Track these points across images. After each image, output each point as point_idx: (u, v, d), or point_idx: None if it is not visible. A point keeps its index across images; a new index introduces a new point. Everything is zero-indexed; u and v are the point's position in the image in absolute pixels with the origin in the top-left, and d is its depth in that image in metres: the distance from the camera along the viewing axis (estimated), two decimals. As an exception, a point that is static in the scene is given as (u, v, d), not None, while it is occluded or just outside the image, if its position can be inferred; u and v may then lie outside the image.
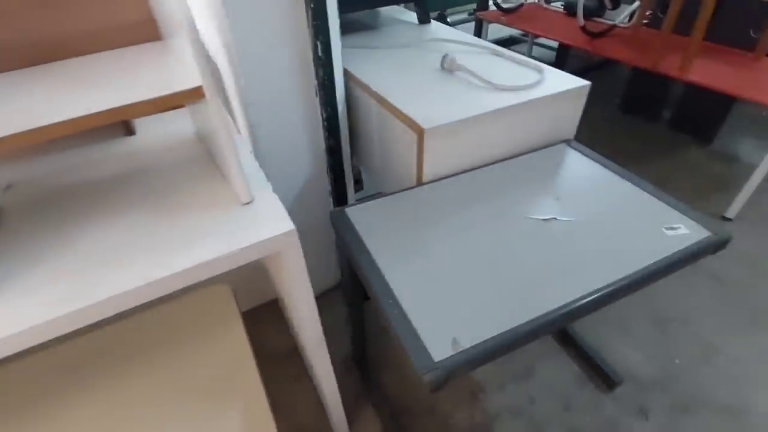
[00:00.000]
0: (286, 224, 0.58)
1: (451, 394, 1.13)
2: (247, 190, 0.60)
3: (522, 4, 2.43)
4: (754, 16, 1.74)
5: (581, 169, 0.92)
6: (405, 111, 0.88)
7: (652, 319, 1.30)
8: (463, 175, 0.92)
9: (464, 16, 3.80)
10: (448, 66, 1.05)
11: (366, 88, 1.03)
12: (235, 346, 0.82)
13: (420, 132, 0.83)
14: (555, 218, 0.79)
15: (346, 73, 1.08)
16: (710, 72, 1.61)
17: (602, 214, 0.80)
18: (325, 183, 1.15)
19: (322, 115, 0.99)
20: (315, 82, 0.96)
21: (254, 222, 0.59)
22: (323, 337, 0.79)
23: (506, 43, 3.26)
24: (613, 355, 1.21)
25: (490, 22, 2.36)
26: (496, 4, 2.38)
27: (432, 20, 1.46)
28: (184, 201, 0.64)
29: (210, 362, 0.81)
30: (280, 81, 0.92)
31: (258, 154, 1.01)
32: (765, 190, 1.77)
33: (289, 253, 0.59)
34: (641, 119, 2.31)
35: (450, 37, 1.30)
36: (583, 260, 0.71)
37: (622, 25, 2.07)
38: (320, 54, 0.89)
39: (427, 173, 0.90)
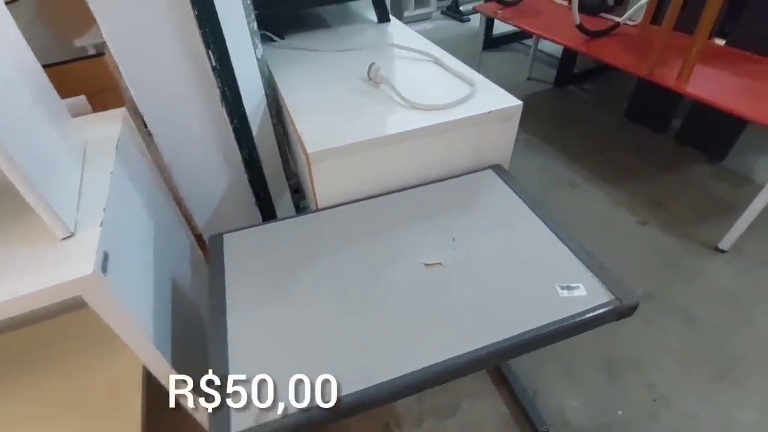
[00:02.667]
0: (88, 267, 0.53)
1: (365, 424, 1.07)
2: (59, 224, 0.55)
3: (525, -2, 2.24)
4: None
5: (497, 202, 0.82)
6: (300, 130, 0.81)
7: (604, 361, 1.18)
8: (363, 202, 0.84)
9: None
10: (373, 77, 0.96)
11: (282, 100, 0.96)
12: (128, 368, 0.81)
13: (307, 155, 0.76)
14: (440, 263, 0.70)
15: (274, 80, 1.02)
16: (716, 83, 1.42)
17: (497, 261, 0.70)
18: (250, 195, 1.09)
19: (230, 126, 0.93)
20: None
21: (61, 261, 0.54)
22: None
23: (516, 36, 3.05)
24: (550, 399, 1.11)
25: (487, 16, 2.20)
26: (495, -2, 2.21)
27: (392, 19, 1.35)
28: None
29: (99, 380, 0.81)
30: (174, 89, 0.86)
31: (168, 166, 0.97)
32: (771, 220, 1.58)
33: (93, 298, 0.54)
34: (648, 129, 2.11)
35: (398, 39, 1.20)
36: (458, 317, 0.62)
37: (629, 23, 1.87)
38: (214, 64, 0.82)
39: (322, 198, 0.82)
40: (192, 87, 0.87)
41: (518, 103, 0.86)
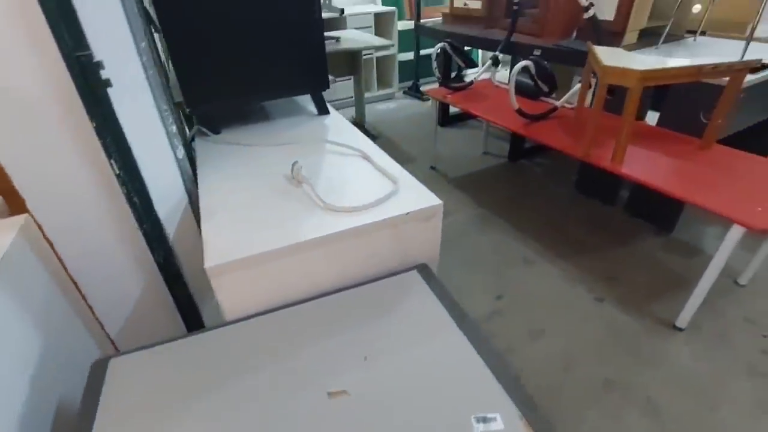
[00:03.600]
0: None
1: None
2: None
3: (472, 82, 2.39)
4: (704, 100, 1.62)
5: (417, 311, 0.76)
6: (204, 238, 0.76)
7: (566, 468, 1.08)
8: (275, 313, 0.77)
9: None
10: (295, 176, 0.94)
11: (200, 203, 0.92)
12: None
13: (204, 270, 0.70)
14: (345, 392, 0.62)
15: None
16: (648, 164, 1.47)
17: (409, 385, 0.63)
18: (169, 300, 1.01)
19: (140, 230, 0.88)
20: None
21: None
22: None
23: (471, 114, 3.22)
24: None
25: (437, 100, 2.32)
26: (441, 81, 2.35)
27: (331, 111, 1.38)
28: None
29: None
30: (74, 194, 0.81)
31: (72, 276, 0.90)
32: (729, 293, 1.57)
33: None
34: (598, 201, 2.16)
35: (333, 133, 1.21)
36: (360, 462, 0.54)
37: (567, 105, 1.98)
38: (118, 172, 0.79)
39: (228, 311, 0.75)
40: (95, 192, 0.83)
41: (438, 202, 0.84)
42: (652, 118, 1.88)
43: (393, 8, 3.53)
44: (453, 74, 2.79)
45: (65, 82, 0.68)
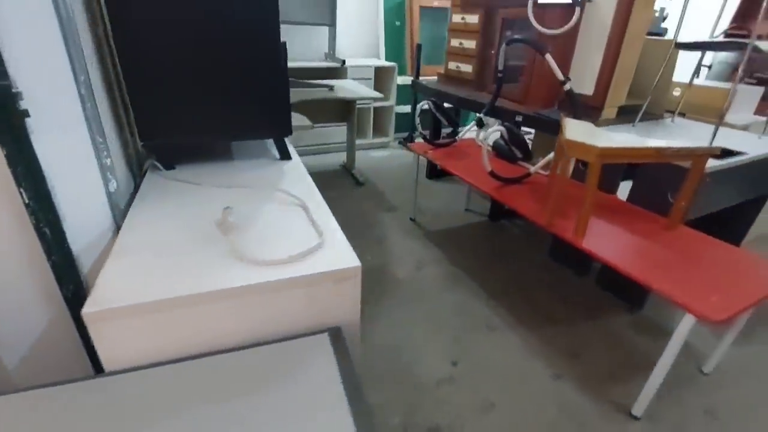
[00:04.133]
0: None
1: None
2: None
3: (455, 140, 2.43)
4: (672, 180, 1.61)
5: (312, 380, 0.70)
6: (99, 282, 0.73)
7: None
8: (157, 369, 0.71)
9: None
10: (223, 221, 0.92)
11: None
12: None
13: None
14: (199, 470, 0.56)
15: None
16: (611, 239, 1.44)
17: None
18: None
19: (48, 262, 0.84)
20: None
21: None
22: None
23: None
24: None
25: (417, 154, 2.34)
26: (424, 137, 2.38)
27: (294, 157, 1.39)
28: None
29: None
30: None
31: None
32: (691, 382, 1.48)
33: None
34: (570, 270, 2.11)
35: (285, 179, 1.20)
36: None
37: (542, 172, 1.99)
38: (27, 201, 0.77)
39: (106, 361, 0.70)
40: (4, 219, 0.80)
41: (356, 264, 0.81)
42: (625, 188, 1.87)
43: (393, 64, 3.68)
44: (444, 132, 2.85)
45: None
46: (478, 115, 2.34)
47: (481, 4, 2.58)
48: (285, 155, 1.36)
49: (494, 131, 1.86)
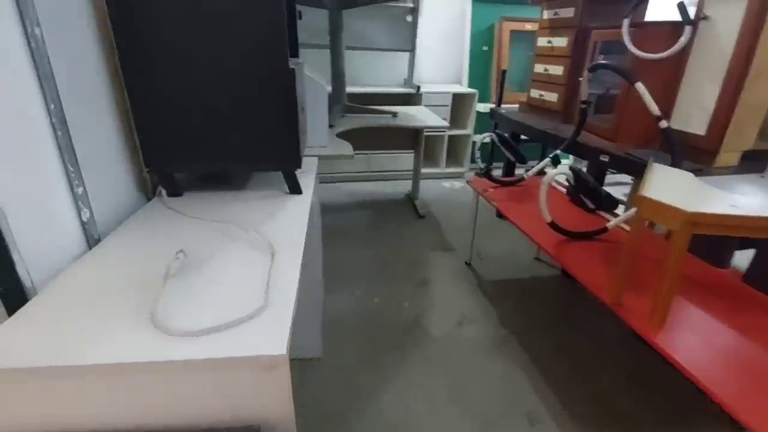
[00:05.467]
0: None
1: None
2: None
3: (523, 178, 2.11)
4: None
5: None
6: (-2, 328, 0.65)
7: None
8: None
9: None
10: (170, 268, 0.81)
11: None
12: None
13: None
14: None
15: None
16: (707, 339, 1.03)
17: None
18: None
19: None
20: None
21: None
22: None
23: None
24: None
25: (478, 193, 2.07)
26: (485, 172, 2.11)
27: (304, 192, 1.26)
28: None
29: None
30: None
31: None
32: None
33: None
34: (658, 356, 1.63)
35: (274, 218, 1.07)
36: None
37: (624, 227, 1.58)
38: (-30, 231, 0.74)
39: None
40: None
41: (281, 353, 0.62)
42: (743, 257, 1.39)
43: (474, 90, 3.45)
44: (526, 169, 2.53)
45: None
46: (555, 151, 2.01)
47: (573, 26, 2.25)
48: (294, 189, 1.24)
49: (557, 173, 1.53)
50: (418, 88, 3.27)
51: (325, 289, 1.99)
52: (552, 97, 2.48)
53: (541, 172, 2.10)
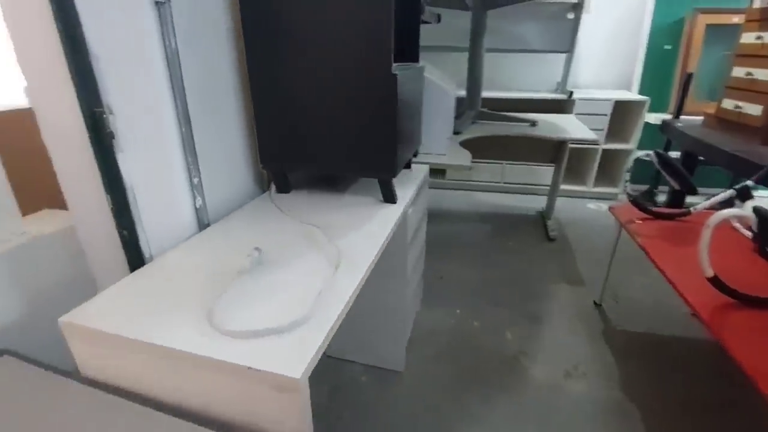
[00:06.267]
0: None
1: None
2: None
3: (689, 211, 1.66)
4: None
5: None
6: (96, 299, 0.78)
7: None
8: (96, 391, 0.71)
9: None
10: (246, 263, 0.86)
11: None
12: None
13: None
14: None
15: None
16: None
17: None
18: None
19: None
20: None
21: None
22: None
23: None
24: None
25: (623, 226, 1.71)
26: (635, 202, 1.72)
27: (399, 201, 1.21)
28: None
29: None
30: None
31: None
32: None
33: None
34: None
35: (356, 228, 1.05)
36: None
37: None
38: (111, 206, 0.90)
39: (80, 365, 0.74)
40: (104, 217, 0.97)
41: (294, 377, 0.59)
42: None
43: (644, 98, 2.88)
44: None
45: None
46: (745, 181, 1.52)
47: (801, 16, 1.67)
48: (388, 198, 1.21)
49: (730, 213, 1.14)
50: (571, 93, 2.89)
51: (423, 303, 1.92)
52: (754, 109, 1.89)
53: (721, 206, 1.62)
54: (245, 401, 0.65)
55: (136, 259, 0.96)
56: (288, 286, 0.81)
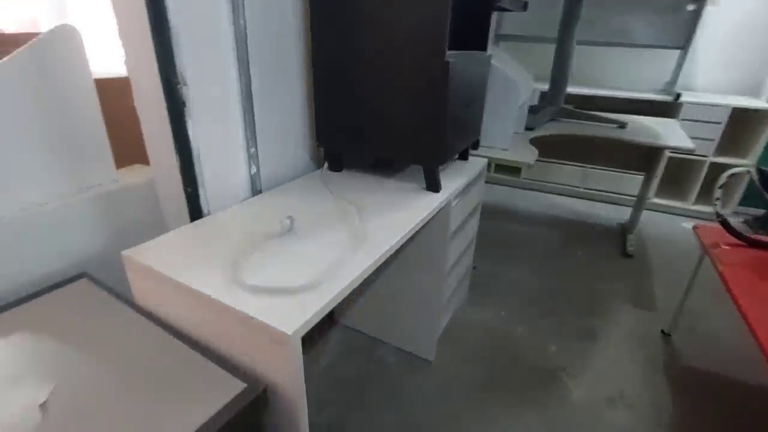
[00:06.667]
0: None
1: None
2: None
3: (796, 245, 1.39)
4: None
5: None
6: (154, 242, 0.92)
7: None
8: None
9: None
10: (280, 229, 0.94)
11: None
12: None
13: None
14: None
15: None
16: None
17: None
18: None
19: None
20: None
21: None
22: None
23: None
24: None
25: (706, 249, 1.50)
26: (725, 223, 1.49)
27: (443, 189, 1.21)
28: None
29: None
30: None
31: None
32: None
33: None
34: None
35: (381, 210, 1.07)
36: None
37: None
38: (179, 165, 1.04)
39: (136, 297, 0.89)
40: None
41: (288, 333, 0.64)
42: None
43: (774, 106, 2.44)
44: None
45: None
46: None
47: None
48: (431, 186, 1.21)
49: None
50: (678, 96, 2.56)
51: (469, 298, 1.89)
52: None
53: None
54: (249, 347, 0.72)
55: (196, 212, 1.10)
56: (309, 254, 0.87)
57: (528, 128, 2.01)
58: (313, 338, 1.62)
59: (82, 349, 0.75)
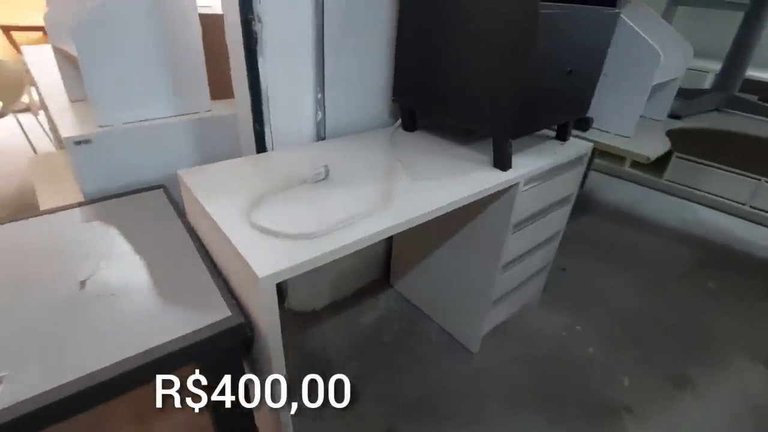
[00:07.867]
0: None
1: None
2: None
3: None
4: None
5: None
6: (203, 168, 0.99)
7: None
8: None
9: None
10: (316, 173, 0.94)
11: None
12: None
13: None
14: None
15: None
16: None
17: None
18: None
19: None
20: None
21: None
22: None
23: None
24: None
25: None
26: None
27: (515, 171, 1.05)
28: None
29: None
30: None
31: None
32: None
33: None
34: None
35: (432, 178, 0.98)
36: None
37: None
38: (251, 101, 1.09)
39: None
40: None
41: (260, 276, 0.64)
42: None
43: None
44: None
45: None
46: None
47: None
48: (498, 162, 1.06)
49: None
50: None
51: (544, 300, 1.67)
52: None
53: None
54: (240, 281, 0.75)
55: (261, 149, 1.17)
56: (332, 205, 0.85)
57: (673, 115, 1.61)
58: (362, 295, 1.64)
59: (130, 245, 0.88)
